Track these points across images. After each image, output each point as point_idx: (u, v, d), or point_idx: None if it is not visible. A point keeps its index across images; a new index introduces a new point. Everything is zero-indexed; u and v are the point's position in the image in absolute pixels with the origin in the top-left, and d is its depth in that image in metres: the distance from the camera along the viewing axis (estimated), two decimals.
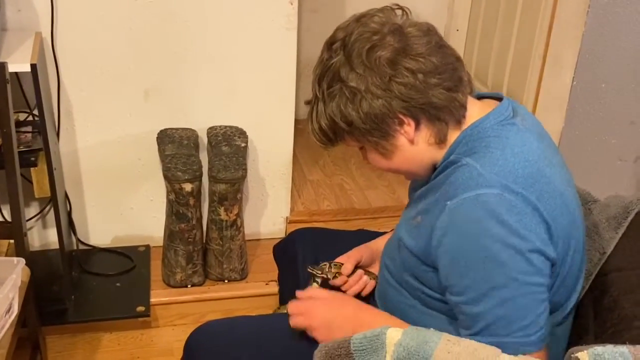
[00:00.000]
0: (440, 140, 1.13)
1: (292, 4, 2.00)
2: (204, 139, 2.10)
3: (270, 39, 2.03)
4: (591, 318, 1.24)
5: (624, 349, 0.93)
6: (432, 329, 1.03)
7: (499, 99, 1.18)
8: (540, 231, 1.04)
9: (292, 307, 1.25)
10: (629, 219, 1.31)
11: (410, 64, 1.06)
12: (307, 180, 2.57)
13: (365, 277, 1.37)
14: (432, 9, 2.84)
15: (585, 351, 0.95)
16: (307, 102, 1.18)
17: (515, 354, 1.01)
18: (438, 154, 1.14)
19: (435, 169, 1.16)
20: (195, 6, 1.95)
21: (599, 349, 0.93)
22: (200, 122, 2.09)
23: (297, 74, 2.13)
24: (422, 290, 1.18)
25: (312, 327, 1.22)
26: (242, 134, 2.08)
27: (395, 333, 1.01)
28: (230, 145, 2.02)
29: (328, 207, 2.41)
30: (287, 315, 1.25)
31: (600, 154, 2.36)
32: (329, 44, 1.12)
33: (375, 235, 1.48)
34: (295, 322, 1.23)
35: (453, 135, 1.13)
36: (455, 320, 1.15)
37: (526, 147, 1.09)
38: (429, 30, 1.11)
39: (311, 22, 2.82)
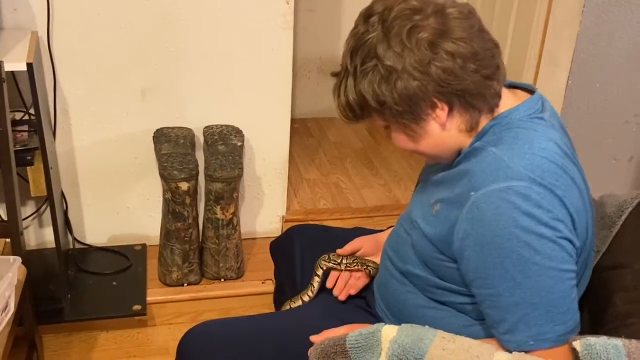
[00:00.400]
0: (472, 128, 1.11)
1: (288, 3, 2.00)
2: (200, 138, 2.10)
3: (266, 38, 2.03)
4: (587, 317, 1.25)
5: (618, 341, 0.94)
6: (427, 326, 1.04)
7: (529, 90, 1.18)
8: (567, 222, 1.05)
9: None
10: (623, 217, 1.32)
11: (450, 48, 1.04)
12: (304, 179, 2.57)
13: (351, 282, 1.38)
14: None
15: (578, 340, 0.96)
16: (334, 74, 1.14)
17: (556, 343, 1.02)
18: (466, 141, 1.13)
19: (458, 154, 1.15)
20: (192, 5, 1.95)
21: (592, 339, 0.94)
22: (196, 121, 2.09)
23: (293, 73, 2.14)
24: (429, 280, 1.17)
25: None
26: (238, 133, 2.08)
27: (390, 330, 1.01)
28: (226, 144, 2.03)
29: (324, 206, 2.41)
30: (281, 315, 1.26)
31: (595, 153, 2.37)
32: (366, 16, 1.09)
33: (372, 232, 1.48)
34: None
35: (483, 123, 1.12)
36: (460, 314, 1.16)
37: (552, 142, 1.09)
38: (470, 13, 1.09)
39: (307, 21, 2.82)
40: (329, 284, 1.38)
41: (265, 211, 2.29)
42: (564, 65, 2.24)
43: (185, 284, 2.07)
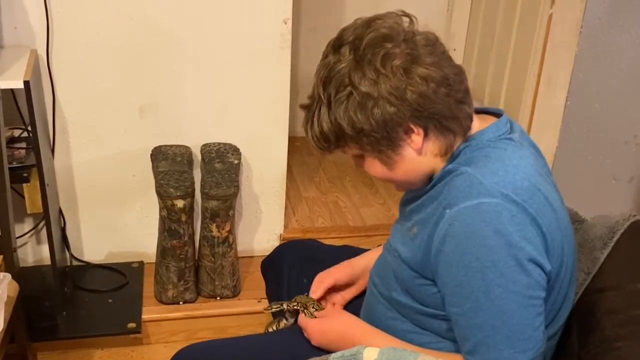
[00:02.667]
0: (447, 151, 1.12)
1: (286, 22, 2.02)
2: (197, 155, 2.11)
3: (264, 57, 2.04)
4: (575, 338, 1.24)
5: None
6: (408, 350, 1.03)
7: (495, 114, 1.19)
8: (537, 243, 1.04)
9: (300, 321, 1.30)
10: (615, 239, 1.31)
11: (423, 73, 1.05)
12: (302, 197, 2.57)
13: None
14: (429, 29, 2.84)
15: None
16: (303, 106, 1.14)
17: None
18: (439, 165, 1.14)
19: (430, 180, 1.16)
20: (190, 24, 1.97)
21: None
22: (194, 139, 2.10)
23: (294, 91, 2.14)
24: (413, 307, 1.17)
25: (312, 343, 1.26)
26: (235, 151, 2.09)
27: (371, 352, 1.01)
28: (223, 162, 2.03)
29: (322, 225, 2.41)
30: (267, 337, 1.26)
31: (595, 173, 2.36)
32: (336, 46, 1.09)
33: (359, 251, 1.48)
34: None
35: (456, 146, 1.13)
36: (446, 340, 1.15)
37: (523, 161, 1.10)
38: (435, 40, 1.11)
39: (310, 41, 2.84)
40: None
41: (262, 229, 2.29)
42: (563, 86, 2.24)
43: (180, 302, 2.06)
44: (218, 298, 2.10)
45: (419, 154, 1.11)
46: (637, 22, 2.14)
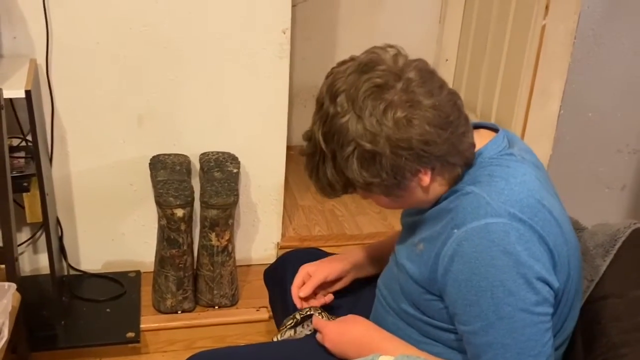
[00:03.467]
0: (452, 182, 1.14)
1: (284, 32, 2.03)
2: (196, 164, 2.11)
3: (263, 67, 2.05)
4: (580, 347, 1.25)
5: None
6: (422, 357, 1.04)
7: (492, 128, 1.21)
8: (545, 260, 1.06)
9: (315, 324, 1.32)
10: (617, 246, 1.33)
11: (425, 119, 1.05)
12: (299, 205, 2.58)
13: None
14: (422, 39, 2.88)
15: None
16: (305, 154, 1.14)
17: None
18: (445, 190, 1.15)
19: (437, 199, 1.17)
20: (189, 34, 1.97)
21: None
22: (192, 148, 2.10)
23: (290, 101, 2.16)
24: (421, 319, 1.19)
25: (326, 347, 1.27)
26: (234, 159, 2.09)
27: None
28: (222, 171, 2.04)
29: (319, 233, 2.42)
30: (277, 345, 1.26)
31: (588, 182, 2.40)
32: (332, 96, 1.08)
33: None
34: (317, 338, 1.30)
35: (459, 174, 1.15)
36: (453, 350, 1.17)
37: (527, 177, 1.11)
38: (427, 71, 1.10)
39: (305, 51, 2.85)
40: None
41: (260, 238, 2.29)
42: (556, 96, 2.27)
43: (179, 311, 2.06)
44: (216, 307, 2.10)
45: (426, 189, 1.13)
46: (630, 33, 2.18)
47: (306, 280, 1.41)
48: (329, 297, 1.42)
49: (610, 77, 2.24)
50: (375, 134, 1.04)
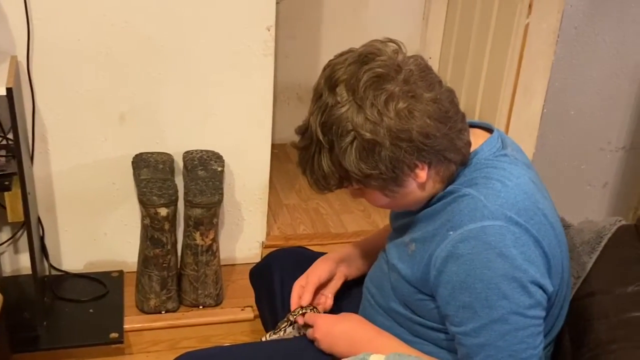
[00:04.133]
0: (448, 179, 1.13)
1: (269, 30, 2.02)
2: (179, 163, 2.09)
3: (247, 65, 2.04)
4: (568, 343, 1.26)
5: None
6: (413, 356, 1.04)
7: (485, 128, 1.21)
8: (540, 264, 1.07)
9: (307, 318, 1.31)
10: (602, 243, 1.34)
11: (425, 111, 1.04)
12: (283, 204, 2.57)
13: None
14: (405, 36, 2.85)
15: None
16: (297, 147, 1.12)
17: None
18: (440, 189, 1.15)
19: (429, 199, 1.16)
20: (173, 30, 1.95)
21: None
22: (176, 146, 2.08)
23: (273, 99, 2.14)
24: (411, 318, 1.18)
25: (316, 339, 1.26)
26: (218, 158, 2.08)
27: (377, 359, 1.01)
28: (206, 170, 2.02)
29: (304, 232, 2.41)
30: (266, 345, 1.26)
31: (571, 179, 2.41)
32: (331, 86, 1.06)
33: None
34: (307, 333, 1.30)
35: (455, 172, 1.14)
36: (443, 350, 1.17)
37: (521, 179, 1.11)
38: (426, 66, 1.10)
39: (289, 49, 2.84)
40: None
41: (244, 237, 2.28)
42: (540, 94, 2.28)
43: (163, 312, 2.04)
44: (201, 307, 2.08)
45: (422, 186, 1.12)
46: (612, 31, 2.20)
47: (301, 294, 1.38)
48: (329, 302, 1.40)
49: (593, 75, 2.26)
50: (376, 124, 1.03)
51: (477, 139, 1.17)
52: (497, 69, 2.41)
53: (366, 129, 1.03)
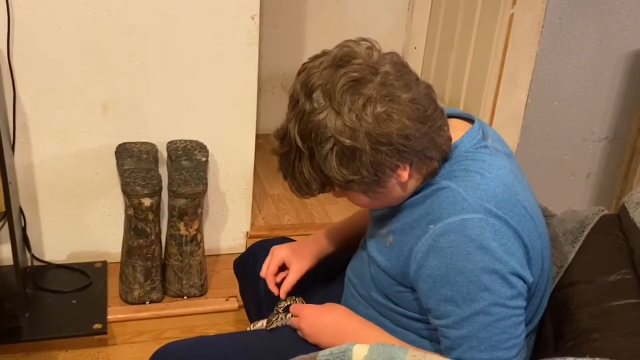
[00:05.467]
0: (429, 176, 1.12)
1: (253, 19, 2.00)
2: (163, 153, 2.08)
3: (231, 54, 2.02)
4: (550, 332, 1.27)
5: None
6: (397, 345, 1.04)
7: (465, 118, 1.20)
8: (520, 255, 1.07)
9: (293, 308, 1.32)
10: (585, 233, 1.35)
11: (404, 113, 1.03)
12: (268, 194, 2.56)
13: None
14: (390, 27, 2.88)
15: None
16: (277, 153, 1.11)
17: None
18: (419, 183, 1.14)
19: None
20: (155, 19, 1.93)
21: None
22: (159, 136, 2.07)
23: (257, 89, 2.13)
24: (392, 309, 1.19)
25: (301, 329, 1.26)
26: (202, 148, 2.06)
27: (361, 349, 1.01)
28: (190, 160, 2.01)
29: (289, 222, 2.41)
30: (250, 334, 1.25)
31: (554, 169, 2.43)
32: (307, 92, 1.04)
33: None
34: (292, 322, 1.29)
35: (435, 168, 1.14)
36: (424, 339, 1.17)
37: (501, 171, 1.11)
38: (402, 64, 1.08)
39: (272, 38, 2.83)
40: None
41: (229, 227, 2.27)
42: (524, 85, 2.29)
43: (147, 302, 2.03)
44: (185, 297, 2.07)
45: (404, 185, 1.11)
46: (596, 22, 2.21)
47: (279, 264, 1.40)
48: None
49: (576, 66, 2.27)
50: (354, 129, 1.02)
51: (458, 130, 1.16)
52: (482, 59, 2.42)
53: (345, 135, 1.02)
